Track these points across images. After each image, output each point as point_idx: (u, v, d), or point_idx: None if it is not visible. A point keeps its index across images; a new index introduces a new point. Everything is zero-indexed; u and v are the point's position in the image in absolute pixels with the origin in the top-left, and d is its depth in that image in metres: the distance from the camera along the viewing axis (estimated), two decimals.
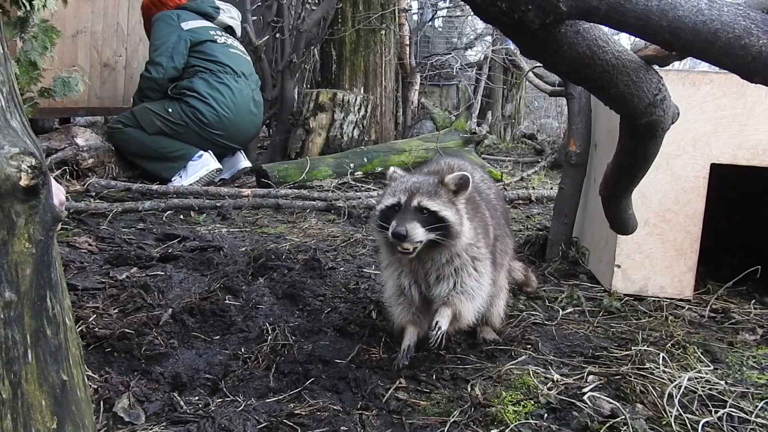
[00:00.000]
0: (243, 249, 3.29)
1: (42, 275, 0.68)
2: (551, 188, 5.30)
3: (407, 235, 1.84)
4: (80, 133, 4.69)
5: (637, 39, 1.33)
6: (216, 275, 2.80)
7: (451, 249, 1.97)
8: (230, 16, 5.58)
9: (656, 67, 1.60)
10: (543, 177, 6.29)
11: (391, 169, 2.12)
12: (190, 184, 4.84)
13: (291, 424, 1.67)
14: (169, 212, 4.05)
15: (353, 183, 5.30)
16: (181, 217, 4.04)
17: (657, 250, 2.72)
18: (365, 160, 5.57)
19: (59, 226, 1.53)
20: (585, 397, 1.80)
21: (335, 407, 1.78)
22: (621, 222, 2.24)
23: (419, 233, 1.86)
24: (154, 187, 4.52)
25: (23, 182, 0.63)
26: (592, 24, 1.25)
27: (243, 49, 5.59)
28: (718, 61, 1.14)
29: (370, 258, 3.30)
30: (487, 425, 1.71)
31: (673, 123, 1.73)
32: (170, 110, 4.98)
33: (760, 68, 1.10)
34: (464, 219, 1.96)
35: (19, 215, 0.64)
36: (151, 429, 1.59)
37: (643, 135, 1.64)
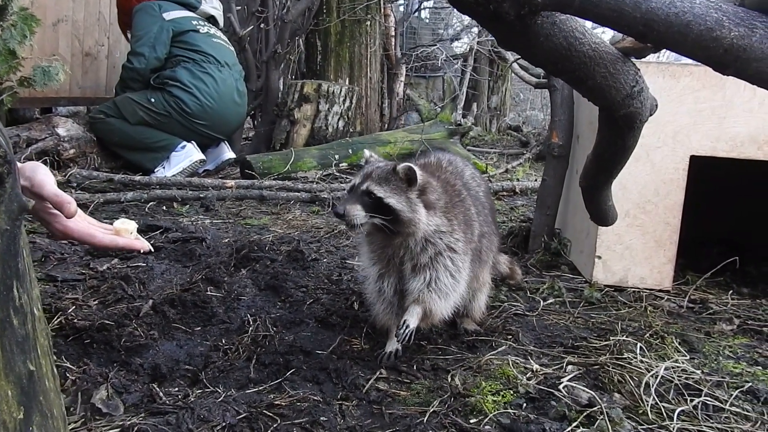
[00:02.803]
0: (226, 240, 3.28)
1: (8, 265, 0.68)
2: (535, 180, 5.33)
3: (344, 215, 1.89)
4: (61, 123, 4.63)
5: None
6: (198, 266, 2.79)
7: (412, 236, 1.97)
8: (212, 5, 5.53)
9: (634, 59, 1.61)
10: (528, 169, 6.31)
11: (367, 152, 2.13)
12: (174, 175, 4.81)
13: (271, 414, 1.67)
14: (151, 203, 4.02)
15: (338, 174, 5.29)
16: (164, 208, 4.02)
17: (637, 241, 2.74)
18: (350, 151, 5.57)
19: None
20: (563, 387, 1.82)
21: (315, 398, 1.78)
22: (601, 213, 2.26)
23: (359, 215, 1.89)
24: (137, 178, 4.49)
25: None
26: (568, 16, 1.25)
27: (226, 38, 5.55)
28: (691, 53, 1.15)
29: (353, 249, 3.30)
30: (466, 415, 1.72)
31: (651, 115, 1.74)
32: (153, 100, 4.94)
33: (732, 60, 1.11)
34: (417, 208, 1.94)
35: None
36: (129, 420, 1.58)
37: (621, 127, 1.66)
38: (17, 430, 0.66)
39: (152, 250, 1.89)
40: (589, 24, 1.37)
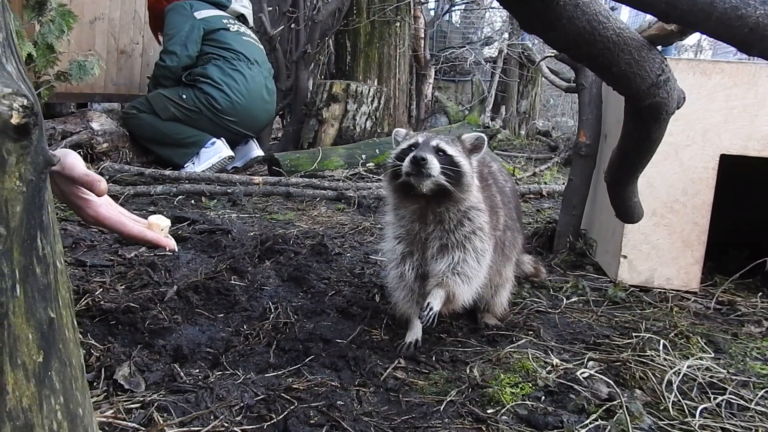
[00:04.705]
0: (251, 233, 3.32)
1: (33, 215, 0.70)
2: (563, 183, 5.27)
3: (427, 161, 1.84)
4: (95, 118, 4.76)
5: (640, 21, 1.32)
6: (223, 257, 2.83)
7: (458, 204, 1.96)
8: (242, 4, 5.63)
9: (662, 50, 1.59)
10: (555, 173, 6.26)
11: (402, 130, 2.14)
12: (203, 171, 4.89)
13: (288, 397, 1.69)
14: (180, 197, 4.10)
15: (364, 174, 5.32)
16: (192, 202, 4.09)
17: (664, 241, 2.70)
18: (377, 151, 5.59)
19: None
20: (582, 379, 1.80)
21: (333, 383, 1.79)
22: (626, 210, 2.22)
23: (436, 167, 1.86)
24: (167, 172, 4.57)
25: (14, 120, 0.65)
26: None
27: (255, 37, 5.63)
28: (715, 32, 1.13)
29: (377, 246, 3.31)
30: (483, 405, 1.72)
31: (678, 107, 1.72)
32: (184, 96, 5.04)
33: (757, 39, 1.09)
34: (475, 176, 1.97)
35: (10, 153, 0.66)
36: (150, 396, 1.61)
37: (646, 118, 1.63)
38: (36, 372, 0.69)
39: (176, 251, 1.92)
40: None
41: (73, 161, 1.55)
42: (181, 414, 1.54)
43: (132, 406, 1.57)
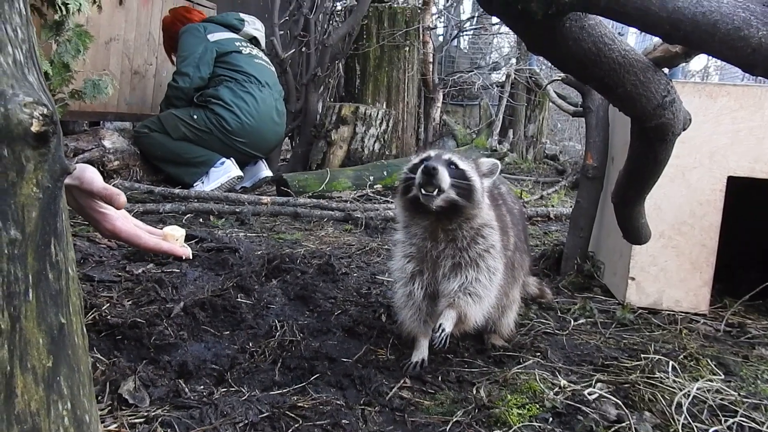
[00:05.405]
0: (259, 252, 3.33)
1: (48, 222, 0.72)
2: (570, 206, 5.27)
3: (438, 171, 1.82)
4: (107, 136, 4.83)
5: (647, 43, 1.34)
6: (230, 275, 2.84)
7: (470, 221, 1.95)
8: (255, 27, 5.72)
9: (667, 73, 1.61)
10: (563, 196, 6.26)
11: (414, 157, 2.16)
12: (212, 190, 4.93)
13: (293, 415, 1.68)
14: (189, 215, 4.12)
15: (372, 195, 5.34)
16: (201, 220, 4.11)
17: (672, 263, 2.69)
18: (385, 173, 5.61)
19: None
20: (591, 401, 1.78)
21: (338, 402, 1.78)
22: (633, 231, 2.22)
23: (446, 179, 1.85)
24: (176, 190, 4.61)
25: (34, 128, 0.67)
26: (597, 21, 1.26)
27: (267, 59, 5.71)
28: (719, 52, 1.15)
29: (383, 266, 3.31)
30: (490, 426, 1.70)
31: (684, 129, 1.73)
32: (195, 116, 5.10)
33: (760, 60, 1.10)
34: (485, 195, 1.97)
35: (28, 160, 0.68)
36: (154, 412, 1.61)
37: (652, 139, 1.65)
38: (45, 376, 0.69)
39: (190, 257, 1.95)
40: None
41: (92, 176, 1.58)
42: (185, 429, 1.54)
43: (136, 420, 1.57)
